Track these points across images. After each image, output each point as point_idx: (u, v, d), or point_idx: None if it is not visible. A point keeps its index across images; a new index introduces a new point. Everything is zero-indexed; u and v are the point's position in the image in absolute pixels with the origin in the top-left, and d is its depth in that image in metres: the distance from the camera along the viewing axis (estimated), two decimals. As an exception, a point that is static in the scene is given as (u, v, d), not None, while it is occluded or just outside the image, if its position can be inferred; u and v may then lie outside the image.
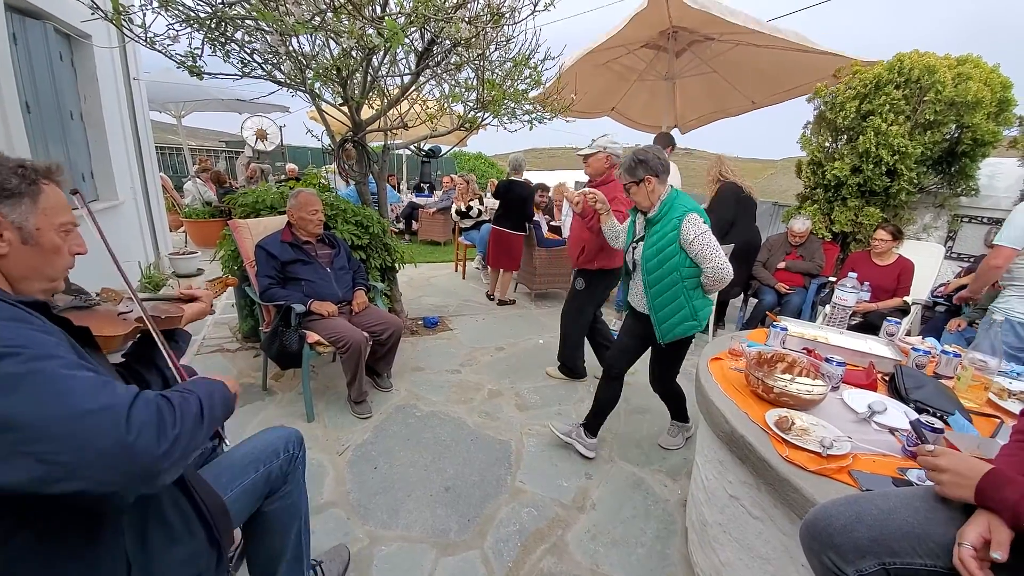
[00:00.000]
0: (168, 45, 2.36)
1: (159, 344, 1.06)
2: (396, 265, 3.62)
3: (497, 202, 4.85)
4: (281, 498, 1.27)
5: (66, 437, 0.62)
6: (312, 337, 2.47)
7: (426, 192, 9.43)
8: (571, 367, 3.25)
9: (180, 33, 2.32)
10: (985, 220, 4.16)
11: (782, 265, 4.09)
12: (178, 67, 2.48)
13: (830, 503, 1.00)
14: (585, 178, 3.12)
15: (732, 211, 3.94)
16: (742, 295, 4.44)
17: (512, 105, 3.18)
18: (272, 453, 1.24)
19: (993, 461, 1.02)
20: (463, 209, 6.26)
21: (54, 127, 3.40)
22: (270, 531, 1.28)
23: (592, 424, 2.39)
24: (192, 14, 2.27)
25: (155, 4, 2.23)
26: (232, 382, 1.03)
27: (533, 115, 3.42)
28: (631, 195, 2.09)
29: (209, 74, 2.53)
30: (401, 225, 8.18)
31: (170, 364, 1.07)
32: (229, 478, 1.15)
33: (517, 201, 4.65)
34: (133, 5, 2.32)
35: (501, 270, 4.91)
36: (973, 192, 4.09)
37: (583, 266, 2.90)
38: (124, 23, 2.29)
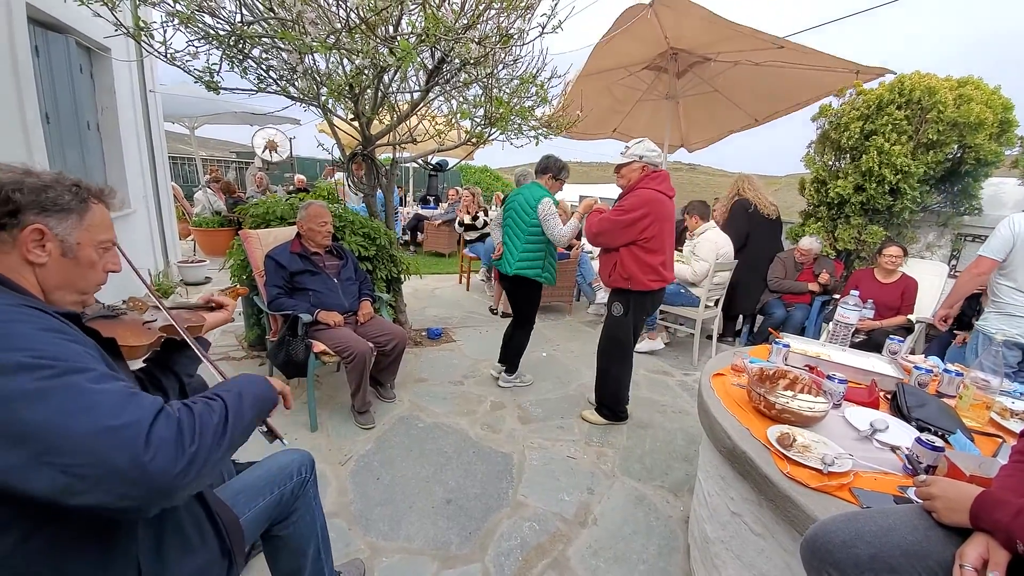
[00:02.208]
0: (187, 61, 2.43)
1: (195, 350, 1.10)
2: (402, 276, 3.66)
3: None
4: (294, 523, 1.30)
5: (88, 452, 0.64)
6: (318, 347, 2.50)
7: (432, 204, 9.53)
8: (612, 409, 2.83)
9: (200, 50, 2.40)
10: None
11: (824, 278, 4.01)
12: (196, 82, 2.56)
13: (830, 520, 1.01)
14: (597, 192, 3.13)
15: (745, 224, 4.15)
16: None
17: (519, 121, 3.25)
18: (287, 476, 1.27)
19: (992, 481, 1.03)
20: (467, 221, 6.32)
21: (72, 137, 3.49)
22: (288, 552, 1.32)
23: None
24: (212, 32, 2.35)
25: (176, 21, 2.31)
26: (278, 383, 1.04)
27: (539, 131, 3.48)
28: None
29: (226, 89, 2.61)
30: (407, 236, 8.25)
31: (211, 368, 1.11)
32: (245, 500, 1.17)
33: None
34: (155, 22, 2.40)
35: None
36: (976, 211, 4.10)
37: (618, 285, 2.64)
38: (144, 39, 2.37)
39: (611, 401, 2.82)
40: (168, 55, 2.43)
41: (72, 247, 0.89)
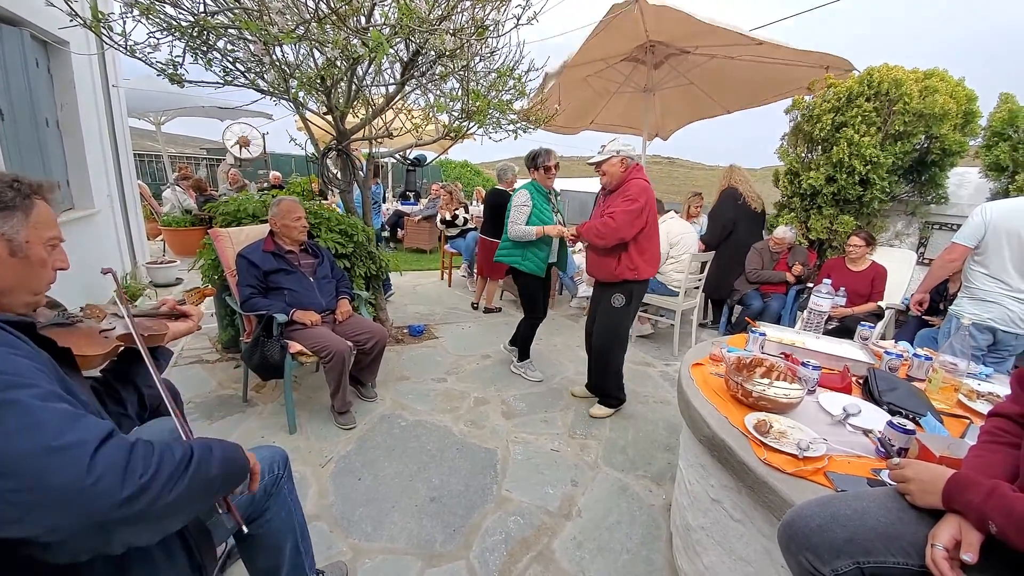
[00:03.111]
0: (149, 53, 2.33)
1: (147, 363, 1.03)
2: (381, 274, 3.60)
3: (482, 210, 4.87)
4: (268, 521, 1.27)
5: (24, 475, 0.59)
6: (295, 347, 2.44)
7: (412, 200, 9.42)
8: (617, 397, 2.90)
9: (161, 41, 2.30)
10: (955, 227, 4.32)
11: (797, 270, 4.07)
12: (159, 75, 2.45)
13: (806, 504, 1.03)
14: (581, 187, 3.16)
15: (732, 212, 4.32)
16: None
17: (497, 115, 3.21)
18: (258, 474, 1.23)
19: (961, 462, 1.06)
20: (448, 219, 6.26)
21: (29, 135, 3.33)
22: (264, 550, 1.28)
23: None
24: (174, 23, 2.25)
25: (136, 12, 2.21)
26: (253, 458, 0.99)
27: (518, 124, 3.45)
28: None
29: (190, 82, 2.51)
30: (387, 233, 8.15)
31: (156, 383, 1.02)
32: None
33: (500, 210, 4.69)
34: (113, 13, 2.29)
35: (488, 278, 4.92)
36: (943, 200, 4.24)
37: (626, 277, 2.62)
38: (104, 31, 2.26)
39: (615, 390, 2.89)
40: (128, 47, 2.32)
41: (21, 246, 0.84)
